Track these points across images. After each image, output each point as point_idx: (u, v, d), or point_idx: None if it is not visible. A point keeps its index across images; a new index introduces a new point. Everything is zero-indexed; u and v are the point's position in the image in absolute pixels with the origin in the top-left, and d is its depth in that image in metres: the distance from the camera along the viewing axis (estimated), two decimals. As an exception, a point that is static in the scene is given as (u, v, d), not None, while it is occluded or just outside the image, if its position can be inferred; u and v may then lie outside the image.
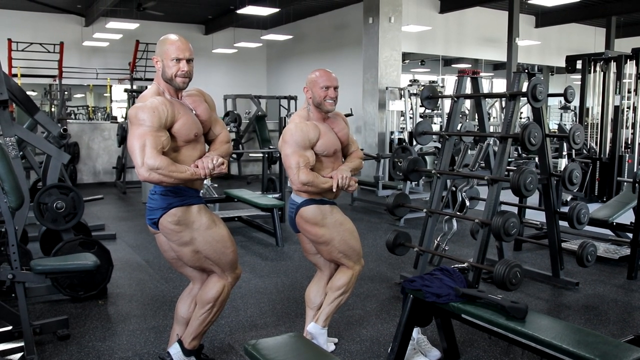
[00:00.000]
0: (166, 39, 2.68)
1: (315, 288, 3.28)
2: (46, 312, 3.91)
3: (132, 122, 2.55)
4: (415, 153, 7.56)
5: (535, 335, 2.31)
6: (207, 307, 2.85)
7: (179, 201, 2.65)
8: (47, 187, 4.28)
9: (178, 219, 2.65)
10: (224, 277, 2.87)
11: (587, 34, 16.32)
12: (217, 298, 2.85)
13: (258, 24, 15.24)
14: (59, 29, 14.77)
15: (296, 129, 2.96)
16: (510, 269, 3.35)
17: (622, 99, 8.17)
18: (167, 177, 2.50)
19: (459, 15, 14.05)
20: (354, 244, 3.13)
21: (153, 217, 2.70)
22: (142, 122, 2.51)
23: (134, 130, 2.51)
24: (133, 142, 2.50)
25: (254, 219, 6.76)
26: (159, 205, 2.66)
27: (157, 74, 2.69)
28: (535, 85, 3.84)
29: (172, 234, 2.69)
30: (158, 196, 2.66)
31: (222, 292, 2.85)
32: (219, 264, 2.82)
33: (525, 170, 3.62)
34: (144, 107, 2.54)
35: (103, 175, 10.78)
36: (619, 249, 5.39)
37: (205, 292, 2.87)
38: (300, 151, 2.93)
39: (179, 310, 3.00)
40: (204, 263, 2.80)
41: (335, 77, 3.04)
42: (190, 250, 2.73)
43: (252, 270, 5.01)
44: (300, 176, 2.92)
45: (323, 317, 3.17)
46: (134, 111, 2.56)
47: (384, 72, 10.51)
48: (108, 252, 4.25)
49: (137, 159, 2.48)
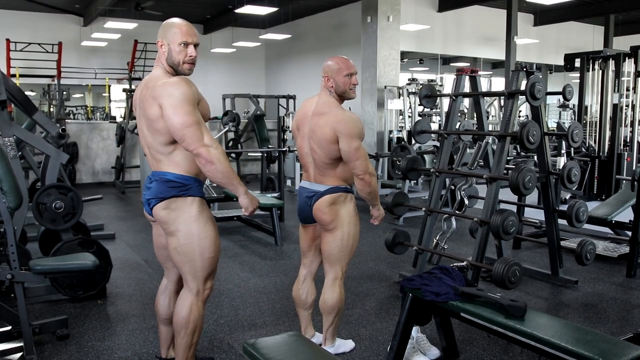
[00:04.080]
0: (172, 23, 2.54)
1: (305, 287, 3.26)
2: (45, 312, 3.90)
3: (177, 98, 2.40)
4: (414, 152, 7.56)
5: (534, 334, 2.31)
6: (182, 331, 2.62)
7: (178, 192, 2.54)
8: (46, 187, 4.27)
9: (167, 205, 2.53)
10: (192, 289, 2.62)
11: (586, 32, 16.32)
12: (189, 318, 2.61)
13: (256, 23, 15.23)
14: (57, 29, 14.76)
15: (359, 122, 2.96)
16: (509, 268, 3.35)
17: (620, 97, 8.17)
18: (223, 157, 2.43)
19: (458, 14, 14.05)
20: (353, 242, 3.07)
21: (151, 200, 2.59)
22: (188, 99, 2.42)
23: (184, 107, 2.39)
24: (186, 118, 2.38)
25: (253, 219, 6.76)
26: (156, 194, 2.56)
27: (160, 58, 2.55)
28: (534, 83, 3.85)
29: (163, 221, 2.57)
30: (160, 183, 2.55)
31: (190, 312, 2.61)
32: (193, 266, 2.58)
33: (524, 169, 3.62)
34: (184, 84, 2.43)
35: (102, 175, 10.78)
36: (618, 247, 5.40)
37: (176, 314, 2.65)
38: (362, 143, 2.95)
39: (159, 311, 2.88)
40: (178, 262, 2.60)
41: (352, 63, 3.03)
42: (171, 241, 2.58)
43: (252, 270, 5.01)
44: (370, 166, 2.94)
45: (330, 337, 3.18)
46: (174, 88, 2.42)
47: (383, 71, 10.51)
48: (107, 251, 4.25)
49: (196, 134, 2.37)
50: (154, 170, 2.61)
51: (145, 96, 2.51)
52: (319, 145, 2.94)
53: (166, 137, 2.48)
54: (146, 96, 2.50)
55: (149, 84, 2.52)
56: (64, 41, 13.40)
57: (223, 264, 5.17)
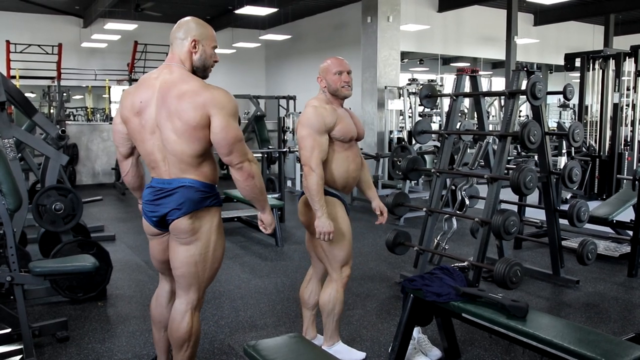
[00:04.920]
0: (204, 23, 2.57)
1: (309, 287, 3.24)
2: (45, 314, 3.89)
3: (230, 110, 2.39)
4: (414, 152, 7.56)
5: (536, 334, 2.30)
6: (185, 345, 2.50)
7: (210, 202, 2.45)
8: (46, 188, 4.26)
9: (194, 214, 2.40)
10: (192, 301, 2.50)
11: (586, 32, 16.32)
12: (191, 332, 2.50)
13: (256, 24, 15.24)
14: (57, 31, 14.78)
15: (314, 112, 2.89)
16: (510, 268, 3.34)
17: (621, 96, 8.16)
18: (260, 174, 2.52)
19: (458, 14, 14.05)
20: (336, 250, 2.95)
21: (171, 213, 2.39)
22: (237, 112, 2.45)
23: (236, 120, 2.43)
24: (238, 132, 2.40)
25: (253, 220, 6.73)
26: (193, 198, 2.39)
27: (184, 56, 2.43)
28: (535, 83, 3.84)
29: (183, 231, 2.41)
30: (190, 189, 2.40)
31: (192, 325, 2.50)
32: (200, 277, 2.47)
33: (525, 169, 3.61)
34: (231, 96, 2.47)
35: (102, 177, 10.77)
36: (619, 247, 5.38)
37: (175, 329, 2.50)
38: (316, 135, 2.85)
39: (163, 317, 2.72)
40: (185, 273, 2.47)
41: (346, 62, 3.01)
42: (184, 251, 2.45)
43: (252, 271, 5.00)
44: (313, 160, 2.82)
45: (328, 337, 3.11)
46: (227, 99, 2.39)
47: (383, 71, 10.51)
48: (107, 253, 4.24)
49: (244, 149, 2.40)
50: (177, 178, 2.38)
51: (172, 98, 2.31)
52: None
53: (204, 147, 2.35)
54: (178, 98, 2.30)
55: (176, 86, 2.33)
56: (63, 42, 13.44)
57: (224, 265, 5.13)
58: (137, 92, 2.41)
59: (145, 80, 2.44)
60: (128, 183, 2.72)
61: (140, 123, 2.39)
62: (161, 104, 2.33)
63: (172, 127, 2.31)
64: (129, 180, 2.70)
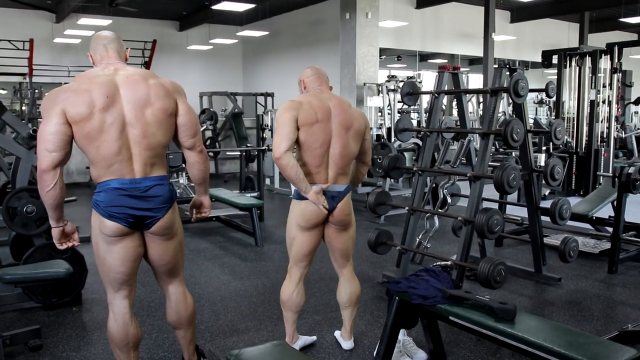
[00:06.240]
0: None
1: (298, 289, 3.17)
2: (17, 321, 3.75)
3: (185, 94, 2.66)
4: (394, 150, 7.52)
5: (525, 337, 2.26)
6: (194, 320, 2.82)
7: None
8: (17, 190, 4.11)
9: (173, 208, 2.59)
10: (183, 279, 2.78)
11: (561, 29, 16.48)
12: (194, 305, 2.82)
13: (233, 20, 15.06)
14: (28, 26, 14.39)
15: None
16: (494, 267, 3.31)
17: (597, 93, 8.23)
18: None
19: (435, 11, 14.06)
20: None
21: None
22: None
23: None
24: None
25: (232, 219, 6.64)
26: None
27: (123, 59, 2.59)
28: (517, 80, 3.81)
29: (168, 227, 2.55)
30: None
31: (193, 301, 2.82)
32: (182, 257, 2.73)
33: (508, 167, 3.59)
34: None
35: (77, 176, 10.53)
36: (598, 243, 5.41)
37: (184, 310, 2.74)
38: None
39: (136, 336, 2.63)
40: (173, 259, 2.64)
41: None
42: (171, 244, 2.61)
43: (232, 272, 4.91)
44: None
45: (350, 330, 3.33)
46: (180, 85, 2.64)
47: (362, 68, 10.44)
48: (82, 256, 4.11)
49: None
50: (150, 176, 2.42)
51: (144, 89, 2.39)
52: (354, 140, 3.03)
53: (172, 135, 2.50)
54: (150, 89, 2.40)
55: (144, 78, 2.43)
56: (35, 38, 13.09)
57: (202, 267, 5.05)
58: (93, 89, 2.33)
59: (96, 77, 2.39)
60: (54, 198, 2.35)
61: (103, 120, 2.31)
62: (133, 98, 2.35)
63: (151, 118, 2.38)
64: (57, 194, 2.34)
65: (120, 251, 2.48)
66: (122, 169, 2.37)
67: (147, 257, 2.60)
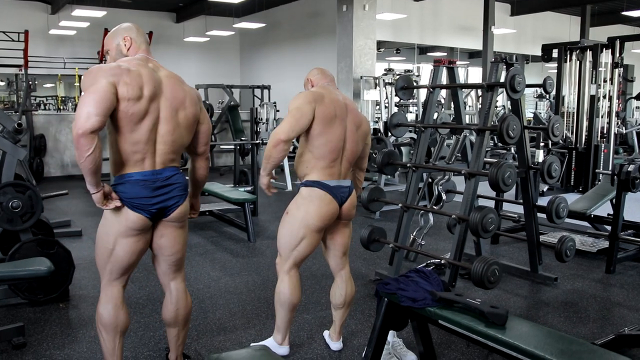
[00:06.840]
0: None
1: (299, 287, 3.07)
2: (2, 317, 3.67)
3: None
4: (390, 144, 7.43)
5: (516, 344, 2.17)
6: (189, 319, 2.87)
7: None
8: (2, 185, 4.02)
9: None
10: (184, 276, 2.84)
11: (562, 23, 16.34)
12: (191, 304, 2.89)
13: (230, 11, 14.91)
14: (23, 17, 14.26)
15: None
16: (488, 267, 3.24)
17: (598, 88, 8.13)
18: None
19: (434, 3, 13.91)
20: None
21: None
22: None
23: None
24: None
25: (225, 213, 6.56)
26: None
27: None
28: (514, 75, 3.72)
29: (183, 216, 2.66)
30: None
31: (190, 297, 2.88)
32: (185, 253, 2.81)
33: (503, 165, 3.50)
34: None
35: (71, 168, 10.42)
36: (596, 242, 5.32)
37: (182, 307, 2.78)
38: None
39: (125, 323, 2.64)
40: (181, 250, 2.73)
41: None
42: (182, 233, 2.72)
43: (223, 268, 4.83)
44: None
45: (340, 331, 3.28)
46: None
47: (359, 61, 10.34)
48: (69, 252, 4.03)
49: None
50: (165, 167, 2.49)
51: (180, 92, 2.50)
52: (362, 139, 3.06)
53: (191, 139, 2.63)
54: (184, 93, 2.52)
55: (180, 81, 2.54)
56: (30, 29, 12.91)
57: (193, 262, 4.98)
58: (144, 75, 2.38)
59: (144, 66, 2.43)
60: (93, 162, 2.25)
61: (147, 108, 2.36)
62: (172, 97, 2.45)
63: (182, 120, 2.49)
64: (97, 157, 2.25)
65: (133, 244, 2.51)
66: (144, 160, 2.42)
67: (157, 249, 2.64)
